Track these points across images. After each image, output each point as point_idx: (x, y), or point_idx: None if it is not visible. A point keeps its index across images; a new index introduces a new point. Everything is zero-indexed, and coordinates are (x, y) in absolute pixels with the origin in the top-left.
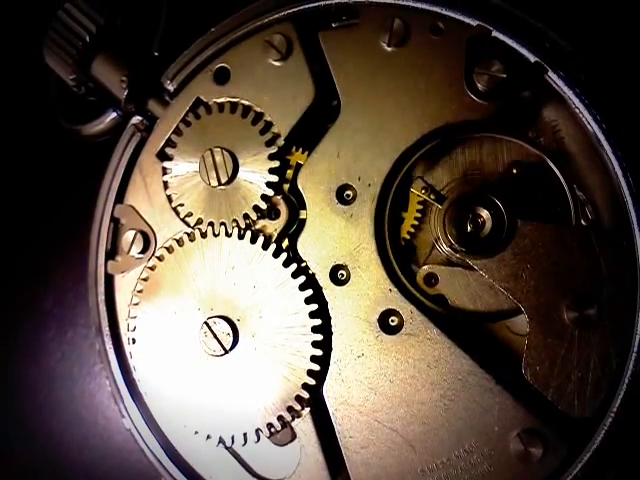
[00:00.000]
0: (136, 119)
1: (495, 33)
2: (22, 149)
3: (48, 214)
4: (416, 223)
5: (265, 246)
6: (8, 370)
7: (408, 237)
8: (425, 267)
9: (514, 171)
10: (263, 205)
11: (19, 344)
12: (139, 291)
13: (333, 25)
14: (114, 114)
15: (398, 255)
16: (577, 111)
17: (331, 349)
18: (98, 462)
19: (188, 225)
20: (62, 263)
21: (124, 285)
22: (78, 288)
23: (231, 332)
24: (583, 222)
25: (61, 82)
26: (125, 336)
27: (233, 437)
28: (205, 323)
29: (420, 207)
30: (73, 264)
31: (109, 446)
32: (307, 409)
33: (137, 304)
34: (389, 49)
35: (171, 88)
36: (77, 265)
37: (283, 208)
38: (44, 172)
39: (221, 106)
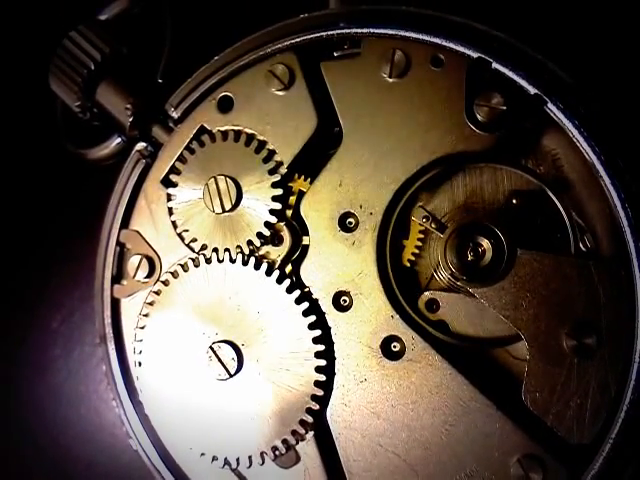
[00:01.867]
0: (140, 145)
1: (495, 65)
2: (28, 172)
3: (54, 235)
4: (417, 251)
5: (269, 272)
6: (15, 388)
7: (409, 264)
8: (427, 293)
9: (514, 201)
10: (266, 232)
11: (26, 362)
12: (145, 315)
13: (335, 54)
14: (119, 139)
15: (400, 281)
16: (576, 142)
17: (334, 374)
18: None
19: (193, 250)
20: (69, 283)
21: (130, 309)
22: (84, 307)
23: (236, 357)
24: (583, 249)
25: (66, 107)
26: (131, 359)
27: (238, 459)
28: (210, 348)
29: (421, 235)
30: (80, 284)
31: (116, 465)
32: (311, 433)
33: (143, 327)
34: (390, 80)
35: (175, 115)
36: (83, 285)
37: (286, 234)
38: (50, 194)
39: (225, 134)
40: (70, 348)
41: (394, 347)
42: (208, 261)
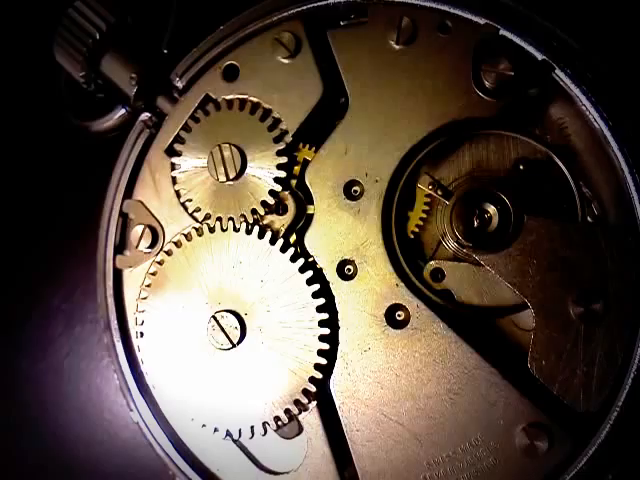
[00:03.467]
0: (145, 115)
1: (503, 31)
2: (30, 146)
3: (56, 211)
4: (423, 219)
5: (273, 241)
6: (15, 365)
7: (415, 233)
8: (432, 262)
9: (521, 167)
10: (271, 200)
11: (27, 339)
12: (147, 285)
13: (342, 23)
14: (123, 111)
15: (405, 251)
16: (584, 109)
17: (338, 343)
18: (104, 458)
19: (196, 220)
20: (70, 260)
21: (132, 280)
22: (86, 284)
23: (239, 326)
24: (589, 218)
25: (71, 79)
26: (133, 330)
27: (240, 430)
28: (213, 317)
29: (426, 206)
30: (81, 261)
31: (116, 442)
32: (314, 402)
33: (145, 298)
34: (397, 47)
35: (180, 85)
36: (85, 262)
37: (291, 203)
38: (52, 169)
39: (230, 103)
40: (71, 325)
41: (398, 316)
42: (212, 230)
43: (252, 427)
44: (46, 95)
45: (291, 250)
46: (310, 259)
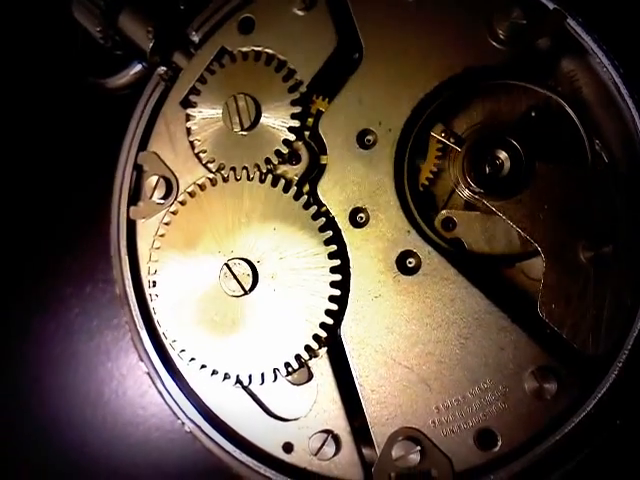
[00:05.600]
0: (161, 70)
1: None
2: (47, 104)
3: (66, 173)
4: (435, 169)
5: (286, 189)
6: (25, 325)
7: (427, 183)
8: (443, 212)
9: (532, 114)
10: (285, 150)
11: (37, 300)
12: (161, 235)
13: None
14: (138, 67)
15: (417, 199)
16: (595, 59)
17: (349, 290)
18: (111, 417)
19: (210, 170)
20: (80, 219)
21: (146, 230)
22: (96, 244)
23: (251, 273)
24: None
25: (88, 36)
26: (146, 279)
27: (250, 376)
28: (225, 264)
29: (439, 154)
30: (91, 221)
31: (123, 402)
32: (324, 349)
33: (158, 248)
34: None
35: (196, 39)
36: (95, 221)
37: (304, 153)
38: (65, 129)
39: (245, 55)
40: (82, 286)
41: (409, 263)
42: (225, 180)
43: (262, 373)
44: (63, 53)
45: (304, 198)
46: (323, 207)
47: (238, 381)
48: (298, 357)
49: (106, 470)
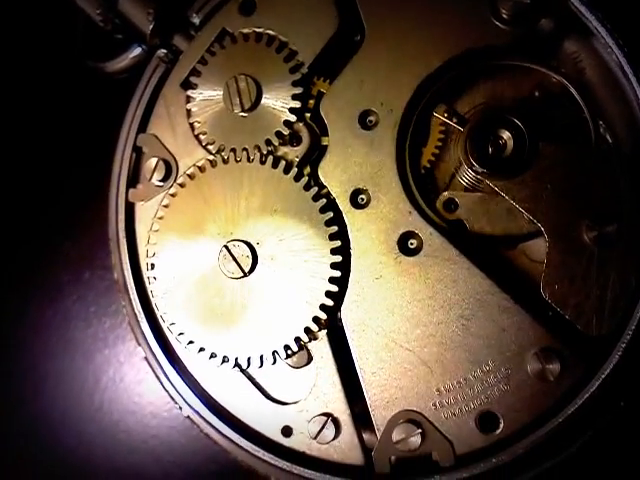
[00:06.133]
0: (161, 52)
1: None
2: (47, 88)
3: (63, 157)
4: (437, 152)
5: (286, 170)
6: (24, 312)
7: (429, 165)
8: (445, 193)
9: (536, 93)
10: (285, 131)
11: (35, 286)
12: (160, 218)
13: None
14: (138, 50)
15: (418, 181)
16: (599, 37)
17: (349, 271)
18: (109, 404)
19: (210, 152)
20: (79, 206)
21: (144, 213)
22: (95, 231)
23: (250, 255)
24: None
25: (88, 19)
26: (144, 262)
27: (249, 359)
28: (225, 246)
29: (441, 136)
30: (90, 207)
31: (121, 389)
32: (324, 331)
33: (157, 230)
34: None
35: (197, 21)
36: (94, 207)
37: (305, 135)
38: (65, 113)
39: (246, 36)
40: (80, 272)
41: (411, 244)
42: (225, 162)
43: (261, 356)
44: (63, 37)
45: (305, 179)
46: (324, 189)
47: (237, 364)
48: (298, 339)
49: (103, 458)
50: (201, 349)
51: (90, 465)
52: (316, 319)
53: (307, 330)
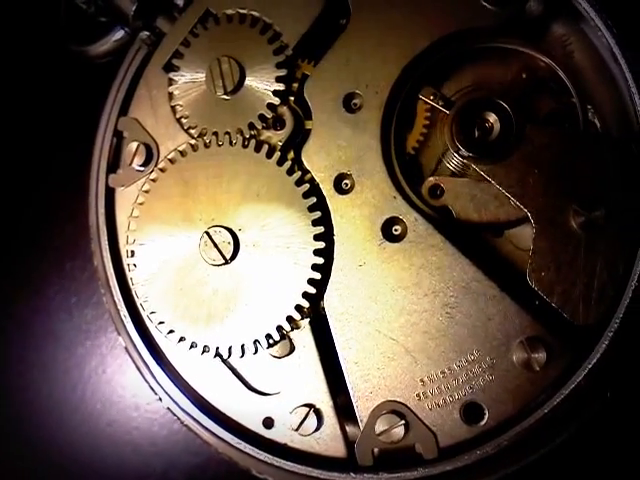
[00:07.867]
0: (144, 34)
1: None
2: (29, 72)
3: (44, 141)
4: (423, 137)
5: (269, 155)
6: (7, 303)
7: (415, 150)
8: (430, 179)
9: (523, 75)
10: (269, 114)
11: (17, 277)
12: (140, 203)
13: None
14: (120, 33)
15: (404, 165)
16: (588, 19)
17: (333, 258)
18: (91, 395)
19: (192, 136)
20: (60, 195)
21: (125, 198)
22: (77, 221)
23: (232, 241)
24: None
25: (70, 2)
26: (124, 249)
27: (230, 349)
28: (206, 233)
29: (427, 122)
30: (71, 196)
31: (104, 380)
32: (306, 320)
33: (137, 217)
34: None
35: (180, 3)
36: (76, 198)
37: (289, 118)
38: (47, 97)
39: (230, 17)
40: (61, 262)
41: (395, 230)
42: (207, 146)
43: (243, 345)
44: (46, 20)
45: (288, 163)
46: (307, 174)
47: (217, 354)
48: (279, 328)
49: (85, 448)
50: (181, 338)
51: (72, 455)
52: (298, 307)
53: (289, 319)
